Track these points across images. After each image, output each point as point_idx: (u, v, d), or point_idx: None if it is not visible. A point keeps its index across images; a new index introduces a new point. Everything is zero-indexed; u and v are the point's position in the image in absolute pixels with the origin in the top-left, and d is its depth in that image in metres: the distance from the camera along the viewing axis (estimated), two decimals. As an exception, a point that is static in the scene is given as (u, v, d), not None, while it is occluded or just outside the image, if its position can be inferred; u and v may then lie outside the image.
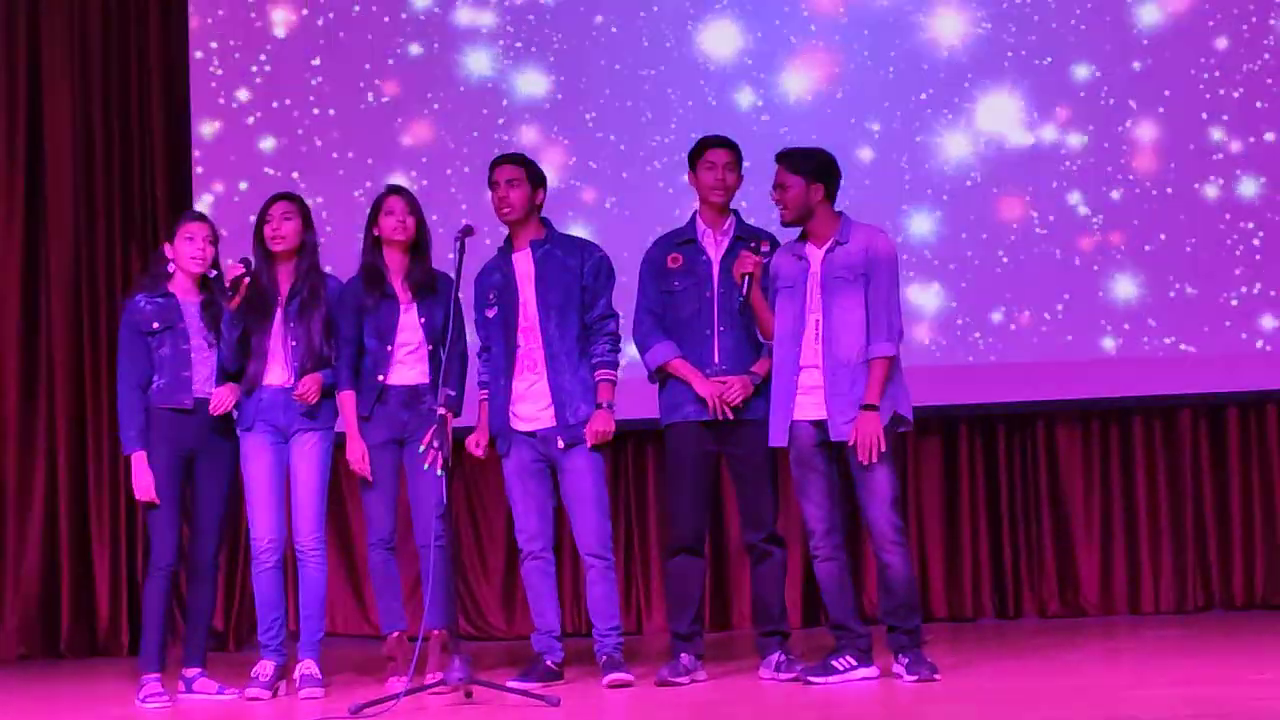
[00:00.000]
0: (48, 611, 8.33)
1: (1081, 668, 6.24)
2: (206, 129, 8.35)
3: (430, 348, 6.35)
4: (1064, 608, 8.07)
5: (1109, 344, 7.93)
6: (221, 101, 8.37)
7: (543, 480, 6.26)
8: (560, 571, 6.41)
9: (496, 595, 8.33)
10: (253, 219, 6.52)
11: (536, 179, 6.33)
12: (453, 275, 6.03)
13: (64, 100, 8.48)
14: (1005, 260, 8.00)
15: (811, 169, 5.98)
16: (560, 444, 6.19)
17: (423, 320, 6.35)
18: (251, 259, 6.36)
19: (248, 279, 6.25)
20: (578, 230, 7.47)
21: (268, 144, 8.34)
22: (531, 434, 6.23)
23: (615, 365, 6.28)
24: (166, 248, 6.45)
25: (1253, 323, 7.89)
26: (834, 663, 5.93)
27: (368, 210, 6.47)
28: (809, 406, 5.91)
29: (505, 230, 6.37)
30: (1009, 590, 8.12)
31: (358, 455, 6.32)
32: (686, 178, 6.40)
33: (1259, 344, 7.88)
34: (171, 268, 6.41)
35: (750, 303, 6.04)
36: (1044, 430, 8.17)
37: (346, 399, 6.36)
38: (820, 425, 5.89)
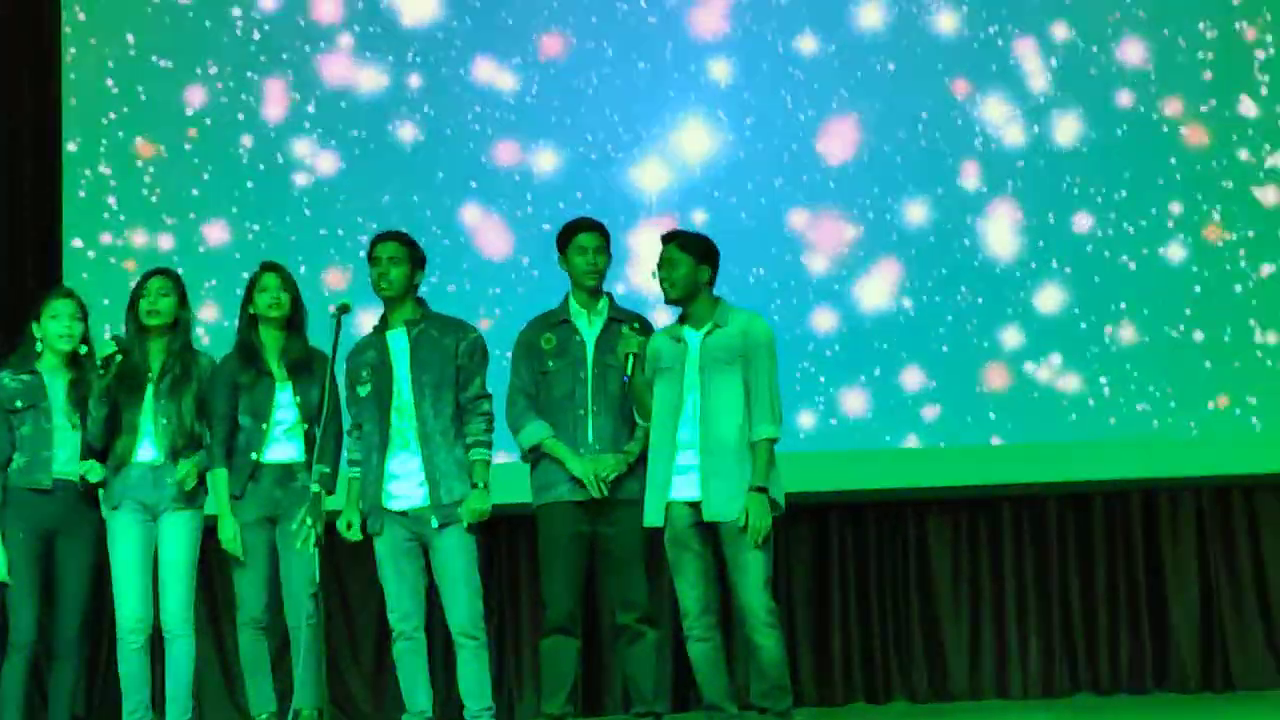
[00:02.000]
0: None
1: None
2: (74, 205, 8.28)
3: (305, 426, 6.30)
4: (933, 692, 8.12)
5: (986, 432, 8.05)
6: (88, 174, 8.30)
7: (415, 559, 6.21)
8: (430, 652, 6.34)
9: (365, 677, 8.24)
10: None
11: (417, 258, 6.33)
12: (328, 352, 6.01)
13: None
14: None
15: (700, 251, 6.05)
16: (434, 523, 6.16)
17: (298, 398, 6.32)
18: (123, 335, 6.30)
19: (119, 356, 6.18)
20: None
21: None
22: (403, 513, 6.19)
23: (490, 445, 6.25)
24: (35, 325, 6.38)
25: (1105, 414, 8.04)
26: (706, 744, 5.94)
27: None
28: (684, 486, 5.93)
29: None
30: (878, 674, 8.16)
31: (230, 534, 6.25)
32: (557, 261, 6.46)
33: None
34: (40, 346, 6.34)
35: (634, 383, 6.07)
36: (914, 517, 8.25)
37: (219, 477, 6.30)
38: (696, 506, 5.91)
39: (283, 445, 6.32)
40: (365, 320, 6.59)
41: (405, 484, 6.19)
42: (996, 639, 8.17)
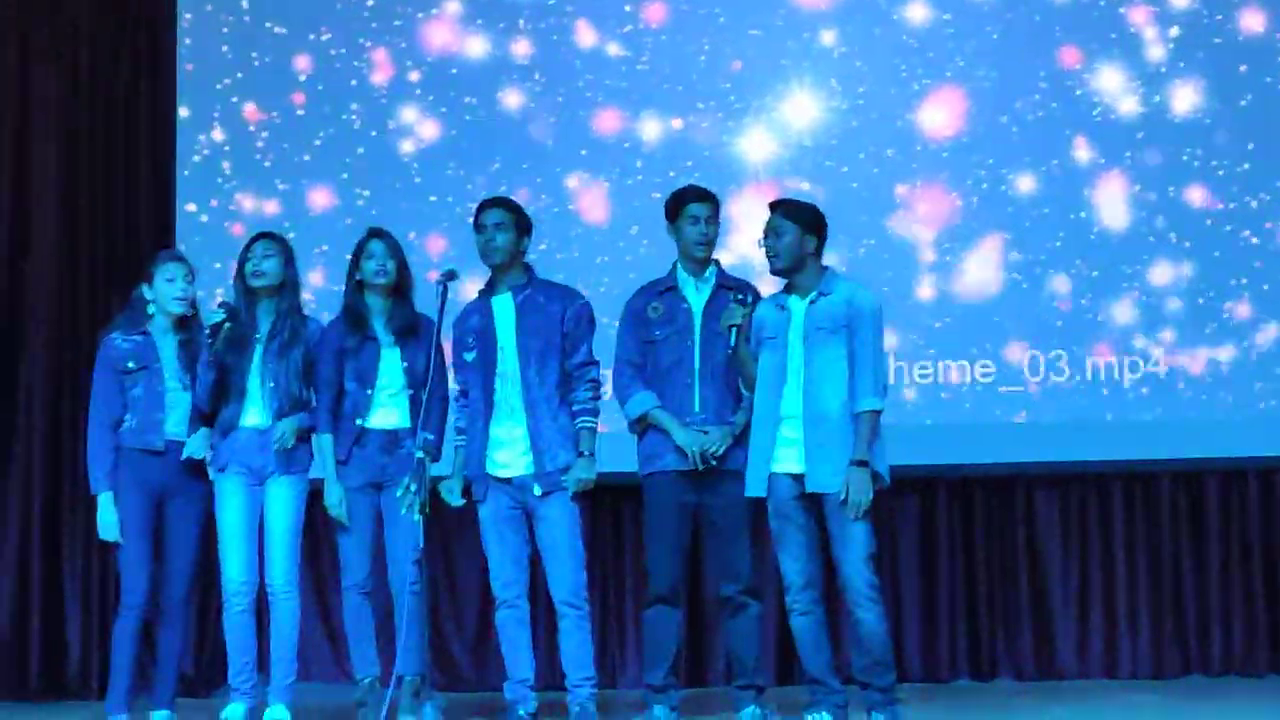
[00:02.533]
0: (17, 652, 8.25)
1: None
2: (189, 170, 8.34)
3: (411, 391, 6.31)
4: (1039, 671, 8.02)
5: (1098, 408, 7.92)
6: (206, 153, 8.37)
7: (518, 528, 6.22)
8: (534, 621, 6.34)
9: (468, 644, 8.26)
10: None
11: (523, 225, 6.32)
12: (435, 318, 6.02)
13: (48, 137, 8.48)
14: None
15: (807, 219, 5.99)
16: (537, 491, 6.15)
17: (404, 364, 6.33)
18: (231, 300, 6.34)
19: (228, 323, 6.22)
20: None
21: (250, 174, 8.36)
22: (508, 480, 6.19)
23: (596, 413, 6.24)
24: (145, 289, 6.43)
25: (1221, 393, 7.90)
26: (808, 718, 5.89)
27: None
28: (788, 459, 5.88)
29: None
30: (984, 651, 8.08)
31: (335, 499, 6.29)
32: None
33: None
34: (151, 309, 6.39)
35: (738, 354, 6.03)
36: (1023, 492, 8.15)
37: (325, 442, 6.33)
38: (799, 478, 5.86)
39: (388, 411, 6.34)
40: (470, 289, 6.57)
41: (509, 451, 6.19)
42: (1106, 618, 8.05)
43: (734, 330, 6.00)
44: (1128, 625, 8.02)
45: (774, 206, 6.05)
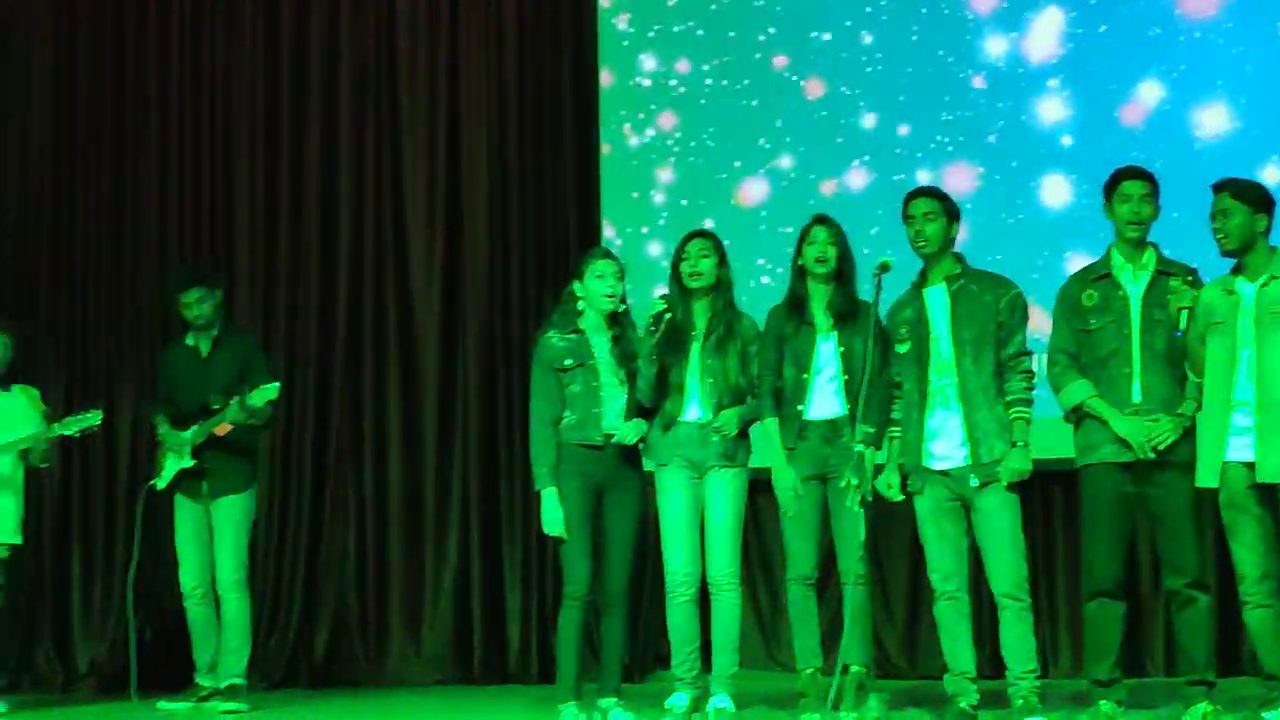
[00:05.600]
0: (462, 640, 8.62)
1: None
2: (612, 164, 8.59)
3: (847, 378, 6.33)
4: None
5: None
6: (630, 141, 8.60)
7: (957, 519, 6.17)
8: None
9: (898, 633, 8.25)
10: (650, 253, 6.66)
11: (952, 213, 6.27)
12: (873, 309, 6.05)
13: (480, 143, 8.83)
14: None
15: (1256, 199, 5.78)
16: (974, 483, 6.10)
17: (841, 348, 6.35)
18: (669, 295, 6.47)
19: (668, 314, 6.34)
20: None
21: (667, 176, 8.55)
22: (944, 473, 6.15)
23: (1030, 403, 6.14)
24: (576, 286, 6.59)
25: None
26: (1266, 716, 5.68)
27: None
28: (1241, 447, 5.69)
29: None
30: None
31: (786, 483, 6.36)
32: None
33: None
34: (581, 305, 6.55)
35: (1188, 338, 5.85)
36: None
37: (770, 426, 6.40)
38: (1253, 467, 5.65)
39: (825, 399, 6.37)
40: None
41: (945, 443, 6.15)
42: None
43: (1183, 313, 5.81)
44: None
45: (1221, 187, 5.85)
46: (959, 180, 8.00)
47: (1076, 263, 6.95)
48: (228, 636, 7.49)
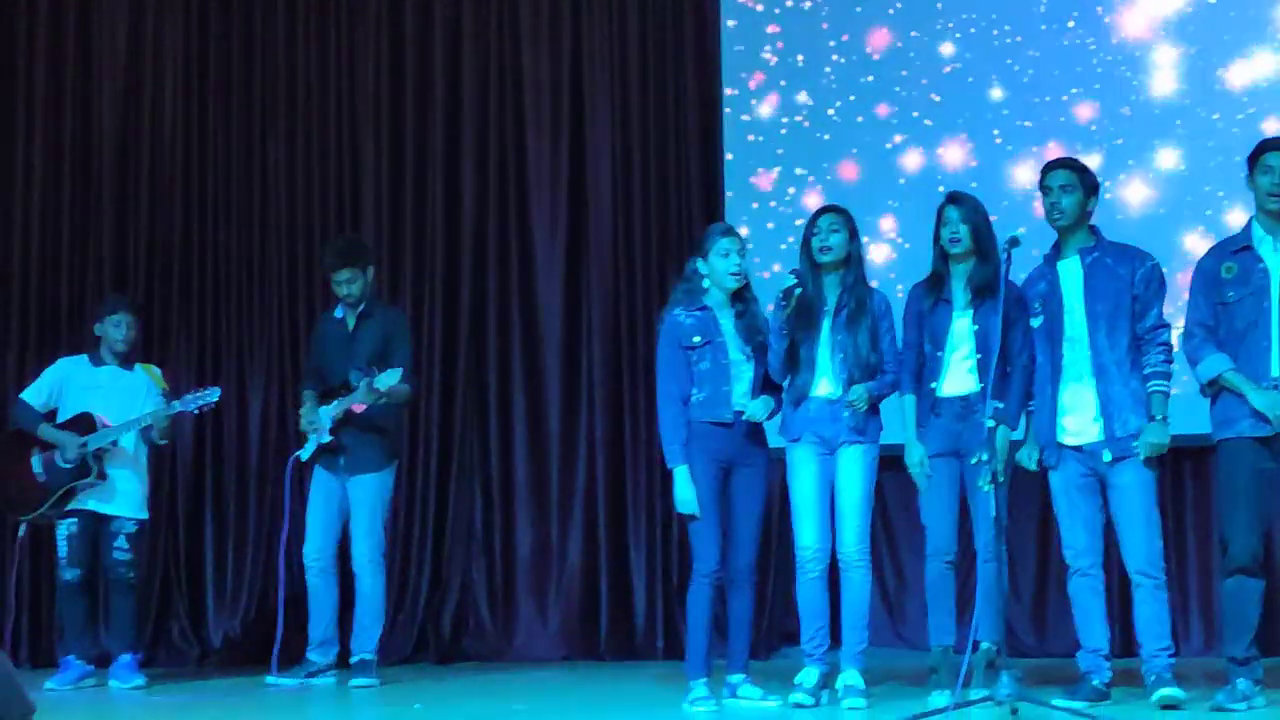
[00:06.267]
0: (588, 616, 8.67)
1: None
2: (735, 145, 8.59)
3: (980, 356, 6.28)
4: None
5: None
6: (747, 118, 8.60)
7: (1091, 495, 6.12)
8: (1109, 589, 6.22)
9: (1025, 610, 8.18)
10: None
11: (1089, 186, 6.20)
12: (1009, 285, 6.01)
13: (603, 119, 8.86)
14: None
15: None
16: (1107, 458, 6.04)
17: (975, 325, 6.31)
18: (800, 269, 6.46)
19: (798, 289, 6.32)
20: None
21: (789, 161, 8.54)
22: (1078, 448, 6.10)
23: (1168, 376, 6.07)
24: (700, 263, 6.59)
25: None
26: None
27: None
28: (1384, 423, 5.59)
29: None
30: None
31: (916, 459, 6.34)
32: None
33: None
34: (706, 283, 6.55)
35: (1328, 311, 5.76)
36: None
37: (908, 402, 6.39)
38: (1401, 442, 5.56)
39: (959, 376, 6.34)
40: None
41: (1079, 417, 6.10)
42: None
43: (1330, 284, 5.72)
44: None
45: None
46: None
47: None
48: (361, 612, 7.58)
